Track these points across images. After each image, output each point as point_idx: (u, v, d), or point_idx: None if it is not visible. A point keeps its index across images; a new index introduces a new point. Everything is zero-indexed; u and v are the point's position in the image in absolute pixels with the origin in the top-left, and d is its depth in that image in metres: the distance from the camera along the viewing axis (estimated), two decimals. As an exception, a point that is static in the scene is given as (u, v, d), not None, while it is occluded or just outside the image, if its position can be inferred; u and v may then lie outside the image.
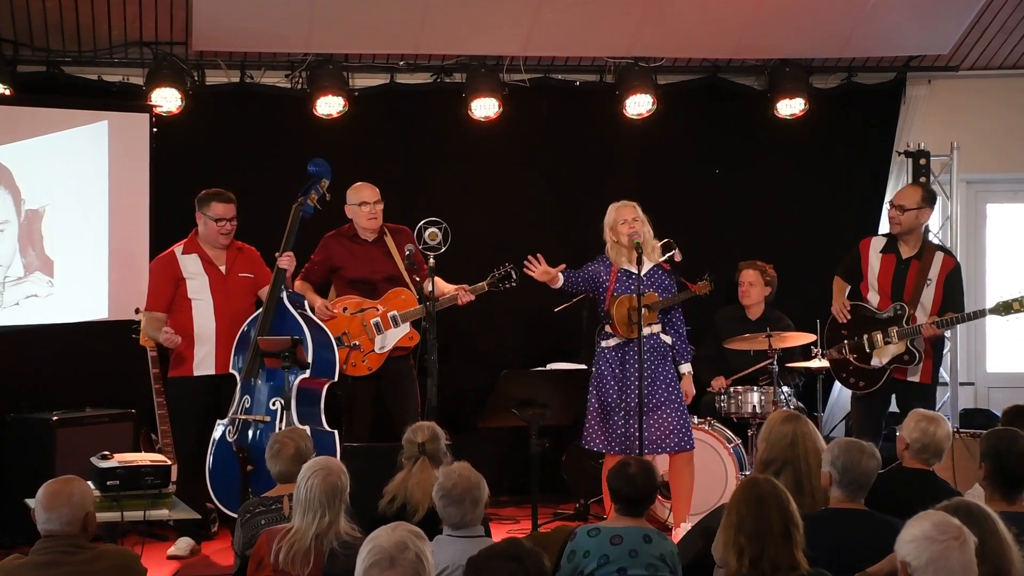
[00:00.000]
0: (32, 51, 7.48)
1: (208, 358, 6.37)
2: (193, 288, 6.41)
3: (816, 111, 8.04)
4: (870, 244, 6.68)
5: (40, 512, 3.72)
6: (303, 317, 6.22)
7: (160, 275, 6.47)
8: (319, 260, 6.70)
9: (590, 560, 3.96)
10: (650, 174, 8.06)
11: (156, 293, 6.45)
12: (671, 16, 7.57)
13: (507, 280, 6.53)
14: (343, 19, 7.38)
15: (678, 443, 6.24)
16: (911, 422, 4.52)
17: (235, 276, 6.46)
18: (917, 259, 6.52)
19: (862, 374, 6.58)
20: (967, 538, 2.91)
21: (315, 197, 6.47)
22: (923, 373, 6.49)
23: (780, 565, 3.32)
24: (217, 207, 6.42)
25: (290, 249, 6.37)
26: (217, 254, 6.48)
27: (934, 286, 6.47)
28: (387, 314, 6.56)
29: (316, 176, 6.49)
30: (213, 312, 6.40)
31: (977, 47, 8.19)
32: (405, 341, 6.58)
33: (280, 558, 3.82)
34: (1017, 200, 8.81)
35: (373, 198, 6.62)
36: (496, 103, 7.78)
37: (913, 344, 6.42)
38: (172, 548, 6.28)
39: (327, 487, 3.91)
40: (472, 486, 4.01)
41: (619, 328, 6.22)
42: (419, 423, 4.96)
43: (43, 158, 7.05)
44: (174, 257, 6.47)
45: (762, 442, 4.36)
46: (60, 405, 6.75)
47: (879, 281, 6.56)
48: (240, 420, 6.16)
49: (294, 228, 6.41)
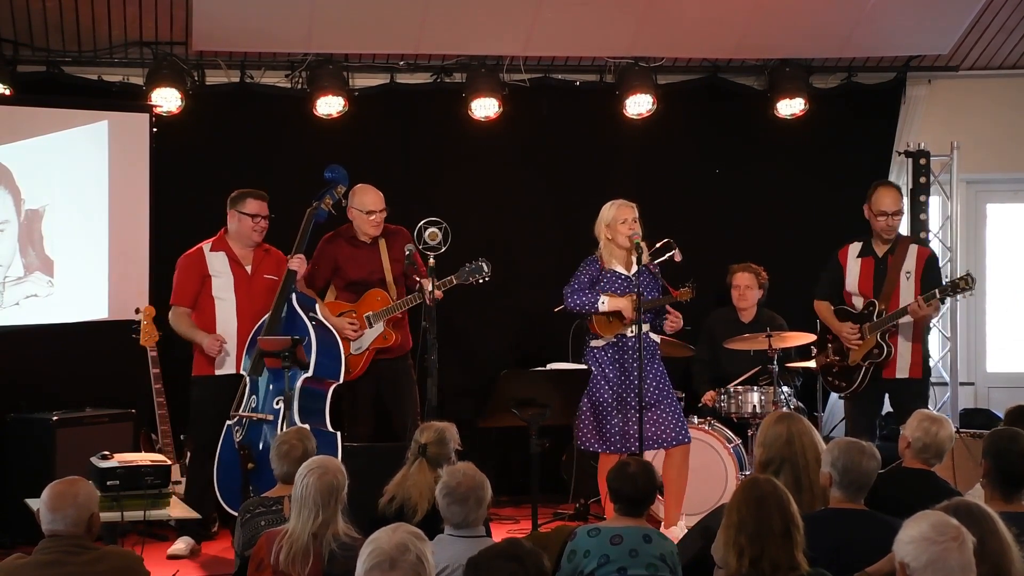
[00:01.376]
0: (32, 51, 7.48)
1: (230, 357, 6.37)
2: (218, 286, 6.41)
3: (816, 111, 8.05)
4: (847, 251, 6.66)
5: (45, 512, 3.72)
6: (311, 319, 6.23)
7: (187, 270, 6.45)
8: (322, 266, 6.67)
9: (590, 560, 3.96)
10: (650, 174, 8.07)
11: (182, 288, 6.44)
12: (671, 16, 7.57)
13: (477, 273, 6.42)
14: (343, 19, 7.38)
15: (676, 437, 6.26)
16: (914, 422, 4.52)
17: (260, 277, 6.45)
18: (891, 254, 6.53)
19: (844, 375, 6.59)
20: (966, 539, 2.91)
21: (330, 202, 6.49)
22: (912, 368, 6.49)
23: (780, 565, 3.32)
24: (252, 204, 6.43)
25: (301, 251, 6.39)
26: (245, 253, 6.48)
27: (914, 278, 6.47)
28: (362, 315, 6.58)
29: (332, 182, 6.52)
30: (236, 312, 6.40)
31: (977, 47, 8.19)
32: (379, 341, 6.56)
33: (280, 559, 3.82)
34: (1017, 200, 8.81)
35: (379, 207, 6.59)
36: (496, 103, 7.78)
37: (883, 338, 6.42)
38: (172, 547, 6.28)
39: (323, 485, 3.91)
40: (476, 486, 4.01)
41: (597, 327, 6.26)
42: (429, 423, 4.95)
43: (43, 158, 7.05)
44: (202, 253, 6.46)
45: (759, 446, 4.37)
46: (60, 405, 6.75)
47: (860, 285, 6.56)
48: (246, 419, 6.17)
49: (307, 231, 6.42)
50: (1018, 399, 5.57)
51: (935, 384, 8.38)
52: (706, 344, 7.55)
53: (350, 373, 6.47)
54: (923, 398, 6.60)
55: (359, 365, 6.56)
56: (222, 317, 6.39)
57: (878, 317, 6.41)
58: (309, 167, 7.36)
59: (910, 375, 6.48)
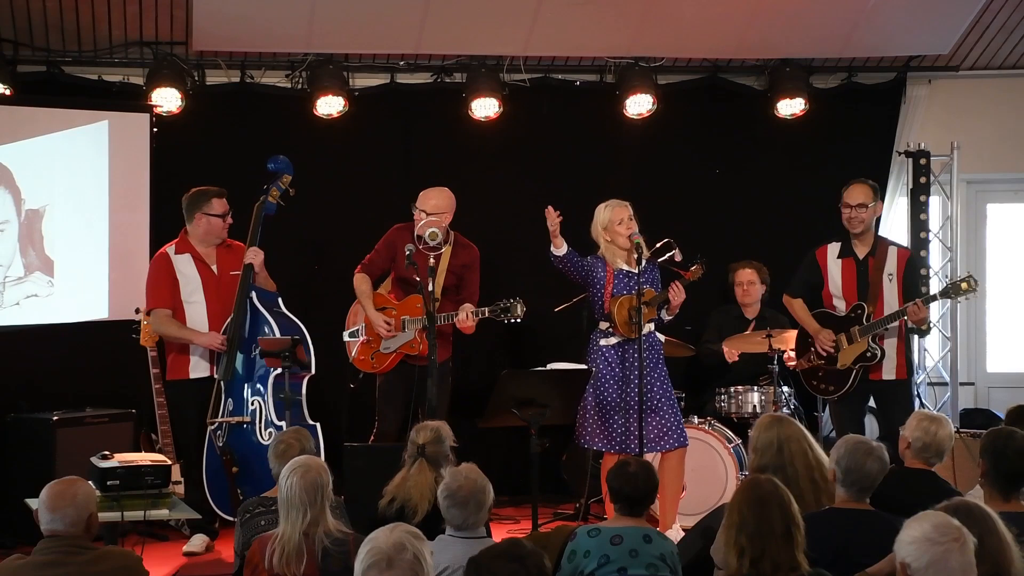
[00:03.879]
0: (32, 51, 7.48)
1: (203, 360, 6.37)
2: (187, 291, 6.41)
3: (816, 111, 8.04)
4: (827, 252, 6.65)
5: (44, 512, 3.72)
6: (274, 314, 6.24)
7: (158, 273, 6.44)
8: (383, 250, 6.65)
9: (590, 560, 3.96)
10: (650, 174, 8.06)
11: (157, 290, 6.42)
12: (671, 16, 7.57)
13: (510, 312, 6.36)
14: (343, 19, 7.38)
15: (675, 440, 6.25)
16: (913, 422, 4.53)
17: (226, 275, 6.44)
18: (872, 256, 6.53)
19: (831, 378, 6.58)
20: (967, 539, 2.91)
21: (277, 194, 6.51)
22: (897, 370, 6.50)
23: (781, 565, 3.32)
24: (218, 203, 6.44)
25: (255, 245, 6.41)
26: (208, 252, 6.47)
27: (896, 280, 6.48)
28: (400, 317, 6.57)
29: (276, 172, 6.54)
30: (206, 314, 6.39)
31: (977, 47, 8.19)
32: (407, 347, 6.55)
33: (274, 562, 3.83)
34: (1017, 200, 8.81)
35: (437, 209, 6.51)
36: (496, 103, 7.78)
37: (873, 341, 6.42)
38: (187, 545, 6.30)
39: (307, 484, 3.92)
40: (478, 489, 4.01)
41: (621, 328, 6.21)
42: (424, 423, 4.96)
43: (43, 158, 7.05)
44: (168, 257, 6.45)
45: (752, 451, 4.37)
46: (60, 405, 6.74)
47: (843, 287, 6.55)
48: (225, 424, 6.18)
49: (258, 225, 6.45)
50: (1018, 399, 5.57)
51: (935, 384, 8.41)
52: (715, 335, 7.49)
53: (376, 368, 6.55)
54: (910, 398, 6.62)
55: (386, 363, 6.57)
56: (193, 320, 6.38)
57: (867, 320, 6.41)
58: (309, 167, 7.36)
59: (896, 376, 6.51)
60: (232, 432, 6.18)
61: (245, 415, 6.15)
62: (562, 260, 6.27)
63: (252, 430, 6.13)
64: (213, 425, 6.20)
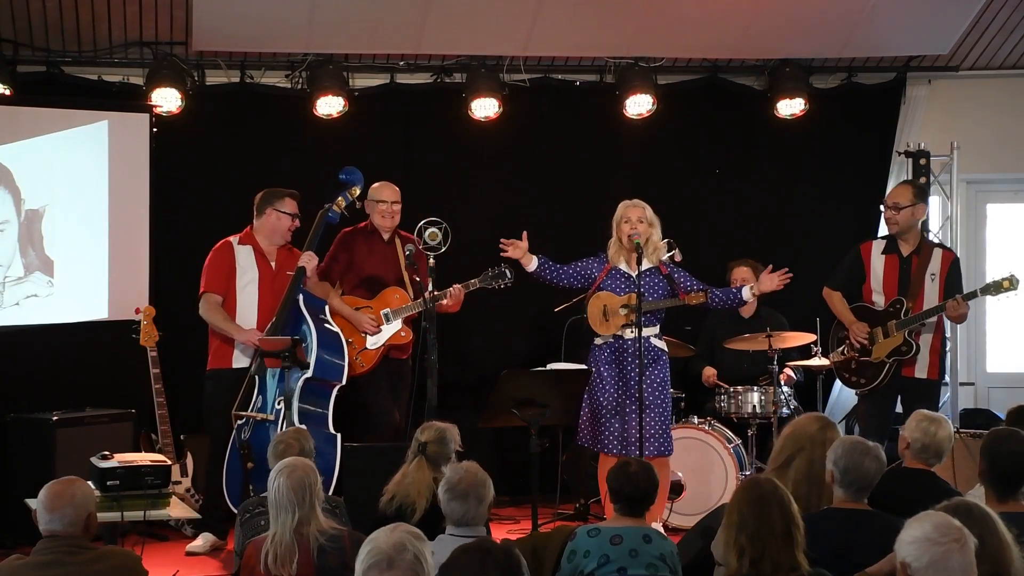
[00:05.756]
0: (32, 51, 7.48)
1: (247, 351, 6.37)
2: (243, 281, 6.43)
3: (816, 111, 8.04)
4: (871, 247, 6.63)
5: (42, 513, 3.72)
6: (319, 321, 6.24)
7: (218, 259, 6.46)
8: (342, 258, 6.73)
9: (590, 560, 3.96)
10: (650, 174, 8.06)
11: (214, 275, 6.42)
12: (671, 16, 7.57)
13: (501, 278, 6.53)
14: (343, 19, 7.38)
15: (658, 447, 6.21)
16: (912, 422, 4.53)
17: (283, 274, 6.45)
18: (916, 255, 6.52)
19: (864, 371, 6.55)
20: (967, 540, 2.91)
21: (342, 204, 6.56)
22: (930, 368, 6.47)
23: (781, 565, 3.32)
24: (290, 203, 6.50)
25: (312, 249, 6.44)
26: (271, 250, 6.51)
27: (939, 280, 6.46)
28: (379, 312, 6.60)
29: (346, 184, 6.60)
30: (257, 306, 6.41)
31: (977, 47, 8.19)
32: (397, 338, 6.61)
33: (269, 563, 3.83)
34: (1017, 200, 8.81)
35: (391, 198, 6.73)
36: (496, 103, 7.79)
37: (910, 335, 6.41)
38: (191, 544, 6.31)
39: (294, 483, 3.91)
40: (478, 483, 4.01)
41: (592, 322, 6.29)
42: (431, 422, 4.96)
43: (43, 158, 7.05)
44: (231, 245, 6.49)
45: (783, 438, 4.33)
46: (60, 405, 6.75)
47: (884, 282, 6.54)
48: (251, 418, 6.18)
49: (318, 231, 6.51)
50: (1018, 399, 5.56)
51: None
52: (706, 341, 7.54)
53: (363, 368, 6.57)
54: (936, 400, 6.58)
55: (373, 360, 6.61)
56: (243, 309, 6.41)
57: (905, 315, 6.40)
58: (309, 167, 7.37)
59: (928, 375, 6.47)
60: (257, 429, 6.15)
61: (269, 413, 6.13)
62: (536, 275, 6.40)
63: (275, 430, 6.08)
64: (241, 420, 6.19)
